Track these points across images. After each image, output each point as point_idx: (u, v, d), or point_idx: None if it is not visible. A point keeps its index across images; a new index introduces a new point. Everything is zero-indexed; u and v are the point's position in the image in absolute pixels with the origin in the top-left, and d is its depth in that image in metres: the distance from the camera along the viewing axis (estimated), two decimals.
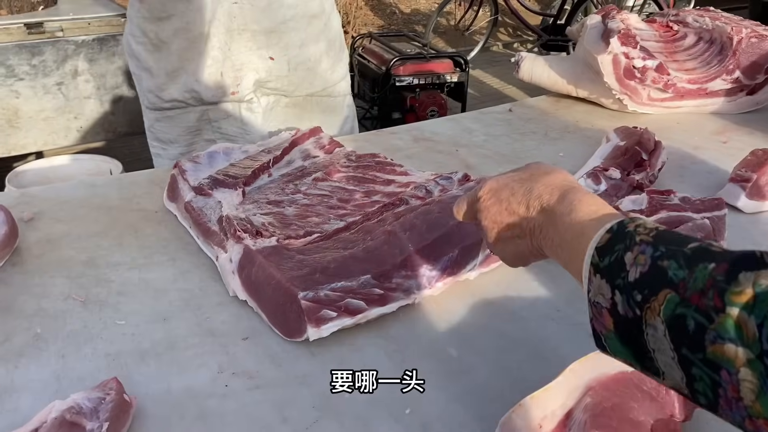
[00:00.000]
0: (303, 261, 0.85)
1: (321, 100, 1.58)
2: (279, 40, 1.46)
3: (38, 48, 2.15)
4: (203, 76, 1.43)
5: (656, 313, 0.44)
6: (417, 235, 0.90)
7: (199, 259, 0.98)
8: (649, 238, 0.48)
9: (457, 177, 1.05)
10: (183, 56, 1.43)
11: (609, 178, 1.17)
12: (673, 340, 0.43)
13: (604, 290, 0.49)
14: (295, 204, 1.05)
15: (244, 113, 1.48)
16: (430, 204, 0.96)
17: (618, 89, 1.57)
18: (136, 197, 1.17)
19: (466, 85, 3.89)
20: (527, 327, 0.86)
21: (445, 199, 0.97)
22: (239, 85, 1.45)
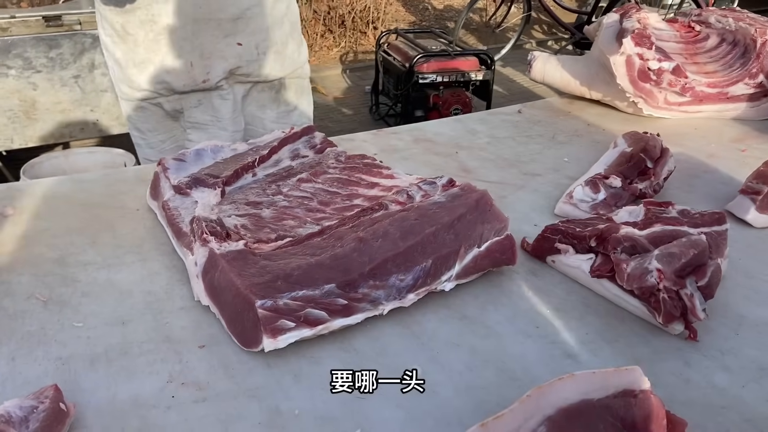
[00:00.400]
0: (266, 267, 0.82)
1: (293, 81, 1.60)
2: (246, 26, 1.46)
3: (56, 41, 2.17)
4: (172, 67, 1.43)
5: None
6: (389, 243, 0.86)
7: (171, 261, 0.96)
8: None
9: (441, 182, 1.01)
10: (150, 48, 1.43)
11: (609, 187, 1.11)
12: None
13: None
14: (273, 206, 1.02)
15: (216, 101, 1.49)
16: (408, 210, 0.92)
17: (632, 92, 1.50)
18: (120, 194, 1.15)
19: (491, 83, 3.82)
20: (501, 344, 0.81)
21: (425, 206, 0.92)
22: (209, 74, 1.45)
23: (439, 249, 0.86)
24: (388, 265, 0.83)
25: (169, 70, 1.43)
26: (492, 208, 0.92)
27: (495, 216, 0.92)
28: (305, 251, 0.86)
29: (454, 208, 0.90)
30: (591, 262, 0.91)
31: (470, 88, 3.83)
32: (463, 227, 0.89)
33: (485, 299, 0.89)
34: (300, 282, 0.79)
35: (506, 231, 0.92)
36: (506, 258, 0.92)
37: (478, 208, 0.91)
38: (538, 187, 1.23)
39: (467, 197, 0.93)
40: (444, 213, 0.90)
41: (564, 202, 1.11)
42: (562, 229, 0.95)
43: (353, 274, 0.81)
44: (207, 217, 0.93)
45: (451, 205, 0.91)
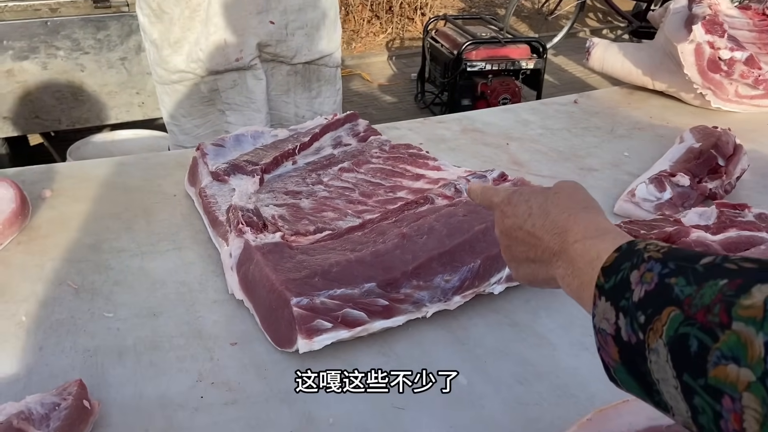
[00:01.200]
0: (303, 262, 0.77)
1: (319, 69, 1.55)
2: (278, 4, 1.42)
3: (103, 22, 2.17)
4: (206, 45, 1.40)
5: (658, 334, 0.39)
6: (435, 240, 0.80)
7: (207, 251, 0.92)
8: (659, 254, 0.42)
9: (492, 175, 0.94)
10: (185, 25, 1.40)
11: (676, 185, 1.02)
12: (675, 365, 0.38)
13: (608, 314, 0.44)
14: (313, 196, 0.97)
15: (250, 81, 1.46)
16: (455, 205, 0.85)
17: (700, 83, 1.39)
18: (159, 179, 1.12)
19: (542, 72, 3.68)
20: (555, 355, 0.74)
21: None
22: (242, 51, 1.42)
23: (489, 248, 0.80)
24: (433, 264, 0.77)
25: (204, 48, 1.41)
26: None
27: None
28: (345, 246, 0.81)
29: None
30: None
31: (520, 77, 3.71)
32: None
33: (537, 304, 0.82)
34: (338, 279, 0.74)
35: None
36: None
37: None
38: (596, 183, 1.15)
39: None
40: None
41: (625, 201, 1.03)
42: (625, 231, 0.86)
43: (395, 272, 0.76)
44: (244, 207, 0.89)
45: None
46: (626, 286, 0.43)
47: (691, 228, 0.83)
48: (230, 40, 1.40)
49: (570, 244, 0.51)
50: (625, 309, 0.42)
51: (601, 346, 0.45)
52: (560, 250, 0.52)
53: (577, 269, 0.50)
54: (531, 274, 0.58)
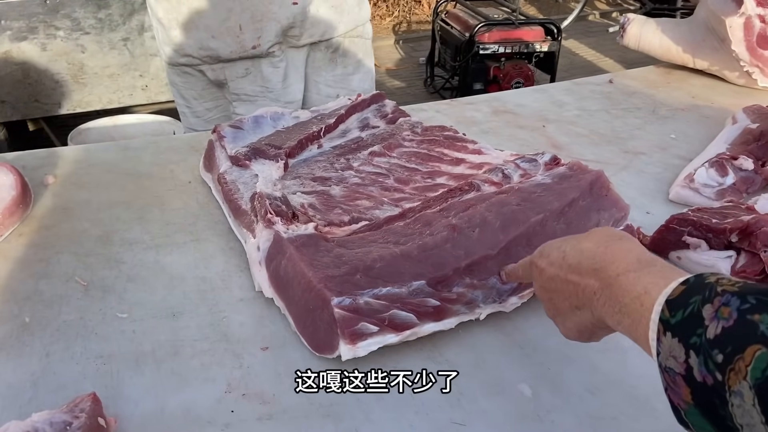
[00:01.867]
0: (343, 256, 0.68)
1: (353, 41, 1.40)
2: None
3: (105, 1, 2.07)
4: (219, 31, 1.28)
5: (742, 375, 0.36)
6: (488, 233, 0.71)
7: (228, 242, 0.83)
8: (735, 288, 0.40)
9: (543, 159, 0.85)
10: (195, 9, 1.28)
11: (738, 169, 0.93)
12: (765, 410, 0.35)
13: (676, 352, 0.41)
14: (344, 183, 0.88)
15: (266, 69, 1.32)
16: (507, 193, 0.77)
17: (748, 60, 1.30)
18: (171, 164, 1.03)
19: (557, 55, 3.58)
20: (626, 361, 0.66)
21: (527, 188, 0.77)
22: (260, 38, 1.28)
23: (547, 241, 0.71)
24: (489, 262, 0.68)
25: (216, 34, 1.28)
26: (609, 193, 0.76)
27: (613, 202, 0.76)
28: (387, 238, 0.72)
29: (564, 192, 0.75)
30: (731, 262, 0.75)
31: (533, 61, 3.60)
32: (575, 215, 0.73)
33: None
34: (383, 276, 0.66)
35: (626, 221, 0.76)
36: None
37: (592, 192, 0.76)
38: (644, 167, 1.06)
39: (579, 179, 0.77)
40: (552, 197, 0.74)
41: (682, 186, 0.94)
42: (694, 220, 0.78)
43: (447, 269, 0.67)
44: (270, 194, 0.80)
45: (559, 188, 0.76)
46: (698, 321, 0.40)
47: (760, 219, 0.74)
48: (246, 26, 1.27)
49: (612, 278, 0.47)
50: (697, 346, 0.39)
51: (669, 386, 0.42)
52: (602, 287, 0.48)
53: (624, 306, 0.46)
54: (580, 324, 0.54)
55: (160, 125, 2.24)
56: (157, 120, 2.27)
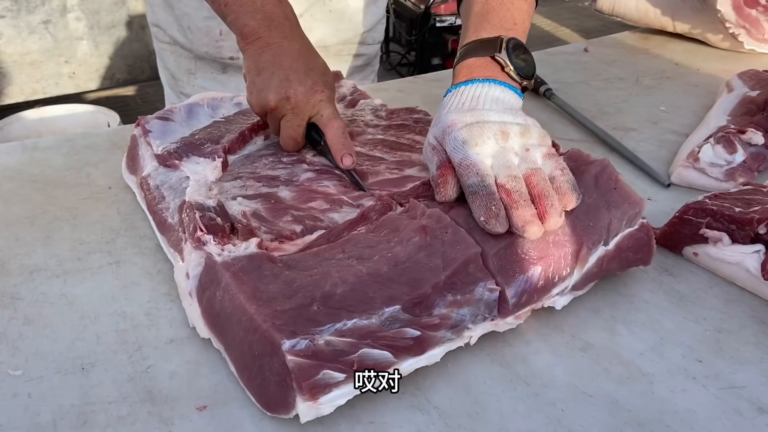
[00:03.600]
0: (294, 282, 0.54)
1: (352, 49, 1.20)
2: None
3: None
4: (198, 26, 1.10)
5: None
6: (474, 235, 0.57)
7: (155, 264, 0.68)
8: None
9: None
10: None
11: (748, 145, 0.82)
12: None
13: None
14: (294, 181, 0.73)
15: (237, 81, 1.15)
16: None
17: (734, 21, 1.19)
18: (88, 166, 0.87)
19: None
20: (655, 392, 0.53)
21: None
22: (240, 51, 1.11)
23: (548, 250, 0.58)
24: (470, 267, 0.55)
25: (193, 27, 1.10)
26: (618, 186, 0.63)
27: (624, 197, 0.63)
28: (349, 252, 0.57)
29: None
30: (761, 258, 0.63)
31: None
32: (581, 216, 0.60)
33: (610, 316, 0.61)
34: (347, 305, 0.52)
35: (640, 218, 0.63)
36: (640, 258, 0.64)
37: (598, 186, 0.63)
38: (637, 145, 0.94)
39: (582, 171, 0.64)
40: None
41: (685, 167, 0.82)
42: (713, 209, 0.66)
43: (425, 287, 0.53)
44: (202, 203, 0.65)
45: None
46: None
47: None
48: (228, 34, 1.07)
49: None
50: None
51: None
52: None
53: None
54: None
55: (93, 116, 2.04)
56: (89, 110, 2.06)
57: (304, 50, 0.78)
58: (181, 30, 1.13)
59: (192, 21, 1.10)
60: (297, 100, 0.74)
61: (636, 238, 0.62)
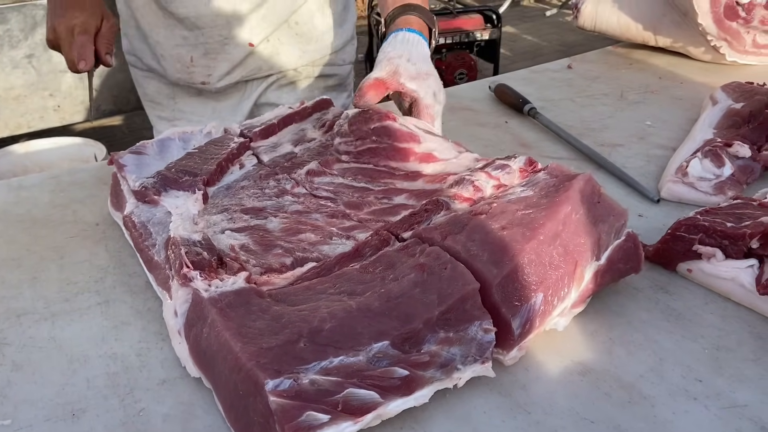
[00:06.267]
0: (282, 317, 0.53)
1: (320, 71, 1.21)
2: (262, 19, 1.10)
3: (2, 15, 1.83)
4: (170, 54, 1.12)
5: None
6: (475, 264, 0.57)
7: (145, 302, 0.67)
8: None
9: (517, 164, 0.71)
10: (146, 20, 1.11)
11: (735, 158, 0.82)
12: None
13: None
14: (282, 212, 0.73)
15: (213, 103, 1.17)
16: (484, 214, 0.62)
17: (715, 33, 1.20)
18: (75, 203, 0.86)
19: (498, 43, 3.49)
20: (657, 415, 0.53)
21: (507, 204, 0.63)
22: (210, 76, 1.13)
23: (545, 273, 0.57)
24: (468, 304, 0.54)
25: (167, 57, 1.13)
26: (602, 199, 0.63)
27: (608, 210, 0.63)
28: (339, 287, 0.57)
29: (554, 207, 0.61)
30: (755, 272, 0.63)
31: (474, 50, 3.51)
32: (572, 234, 0.60)
33: (608, 338, 0.61)
34: (334, 341, 0.51)
35: (626, 229, 0.64)
36: (631, 266, 0.64)
37: (583, 201, 0.62)
38: (625, 161, 0.94)
39: (566, 186, 0.63)
40: (540, 215, 0.60)
41: (674, 182, 0.82)
42: (705, 225, 0.66)
43: (416, 322, 0.52)
44: (188, 238, 0.64)
45: (547, 202, 0.62)
46: None
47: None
48: (198, 60, 1.12)
49: None
50: None
51: None
52: None
53: None
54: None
55: (80, 149, 2.03)
56: (75, 143, 2.05)
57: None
58: (155, 58, 1.16)
59: (164, 49, 1.13)
60: (59, 30, 0.96)
61: (624, 249, 0.63)
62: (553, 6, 5.63)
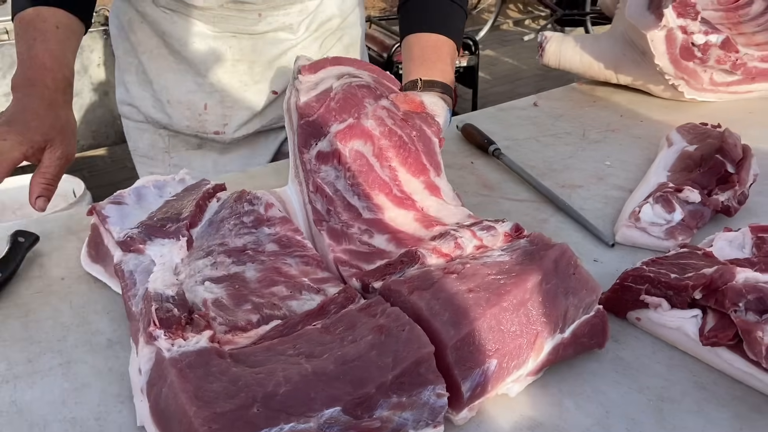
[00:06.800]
0: (239, 379, 0.54)
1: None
2: (286, 69, 1.10)
3: None
4: (179, 100, 1.09)
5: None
6: (435, 323, 0.58)
7: (106, 362, 0.68)
8: None
9: (503, 228, 0.72)
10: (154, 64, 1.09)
11: (685, 203, 0.85)
12: None
13: None
14: (261, 257, 0.74)
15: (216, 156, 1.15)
16: (456, 273, 0.63)
17: (673, 73, 1.24)
18: (41, 256, 0.86)
19: (476, 69, 3.55)
20: None
21: (480, 268, 0.63)
22: (226, 125, 1.11)
23: (504, 340, 0.59)
24: (422, 368, 0.55)
25: (173, 100, 1.09)
26: (577, 271, 0.64)
27: (582, 283, 0.64)
28: (299, 348, 0.58)
29: (525, 275, 0.61)
30: (698, 322, 0.65)
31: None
32: (538, 304, 0.61)
33: (558, 390, 0.63)
34: (287, 407, 0.52)
35: (596, 305, 0.65)
36: (595, 342, 0.65)
37: (557, 272, 0.63)
38: (584, 203, 0.97)
39: (542, 256, 0.64)
40: (509, 281, 0.61)
41: (628, 226, 0.85)
42: (650, 277, 0.68)
43: (369, 386, 0.54)
44: (161, 293, 0.65)
45: (520, 269, 0.62)
46: None
47: (735, 266, 0.65)
48: (213, 108, 1.08)
49: None
50: None
51: None
52: None
53: None
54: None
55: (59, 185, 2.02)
56: None
57: (30, 108, 0.85)
58: (158, 105, 1.13)
59: (172, 95, 1.10)
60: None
61: (592, 324, 0.64)
62: (532, 30, 5.73)
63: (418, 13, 1.04)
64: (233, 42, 1.07)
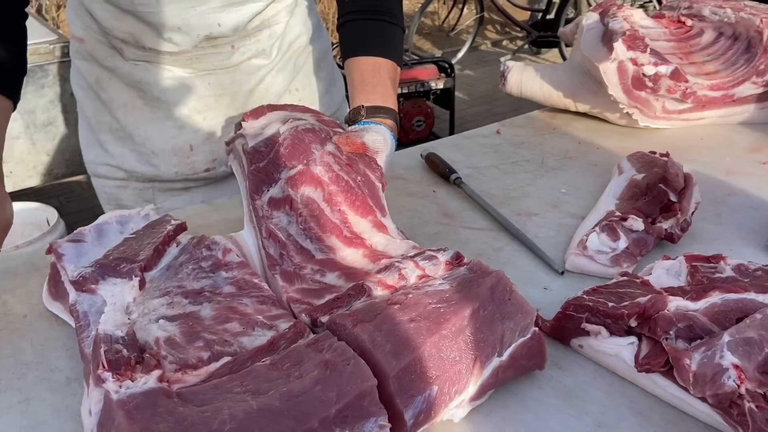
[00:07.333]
0: (185, 419, 0.56)
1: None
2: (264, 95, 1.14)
3: None
4: (163, 149, 1.10)
5: None
6: (377, 354, 0.61)
7: (64, 399, 0.69)
8: None
9: (444, 257, 0.75)
10: (129, 118, 1.09)
11: (629, 231, 0.89)
12: None
13: None
14: (216, 296, 0.76)
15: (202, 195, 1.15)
16: (399, 304, 0.66)
17: (626, 102, 1.29)
18: (5, 293, 0.88)
19: (453, 91, 3.61)
20: None
21: (421, 298, 0.66)
22: (215, 160, 1.12)
23: (444, 367, 0.61)
24: (365, 401, 0.58)
25: (159, 152, 1.09)
26: (512, 297, 0.67)
27: (517, 307, 0.67)
28: (246, 385, 0.60)
29: (462, 303, 0.65)
30: (634, 349, 0.68)
31: (431, 98, 3.62)
32: (475, 330, 0.64)
33: (501, 418, 0.65)
34: None
35: (532, 327, 0.68)
36: (534, 363, 0.68)
37: (493, 298, 0.66)
38: (538, 231, 1.00)
39: (479, 283, 0.67)
40: (448, 309, 0.64)
41: (576, 255, 0.89)
42: (590, 306, 0.72)
43: (312, 421, 0.56)
44: (111, 335, 0.67)
45: (459, 297, 0.65)
46: None
47: (667, 295, 0.69)
48: (199, 146, 1.09)
49: None
50: None
51: None
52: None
53: None
54: None
55: (32, 213, 2.04)
56: (28, 207, 2.06)
57: None
58: (142, 158, 1.13)
59: (155, 144, 1.11)
60: None
61: (529, 347, 0.67)
62: (509, 50, 5.83)
63: (354, 36, 1.08)
64: (211, 79, 1.10)
